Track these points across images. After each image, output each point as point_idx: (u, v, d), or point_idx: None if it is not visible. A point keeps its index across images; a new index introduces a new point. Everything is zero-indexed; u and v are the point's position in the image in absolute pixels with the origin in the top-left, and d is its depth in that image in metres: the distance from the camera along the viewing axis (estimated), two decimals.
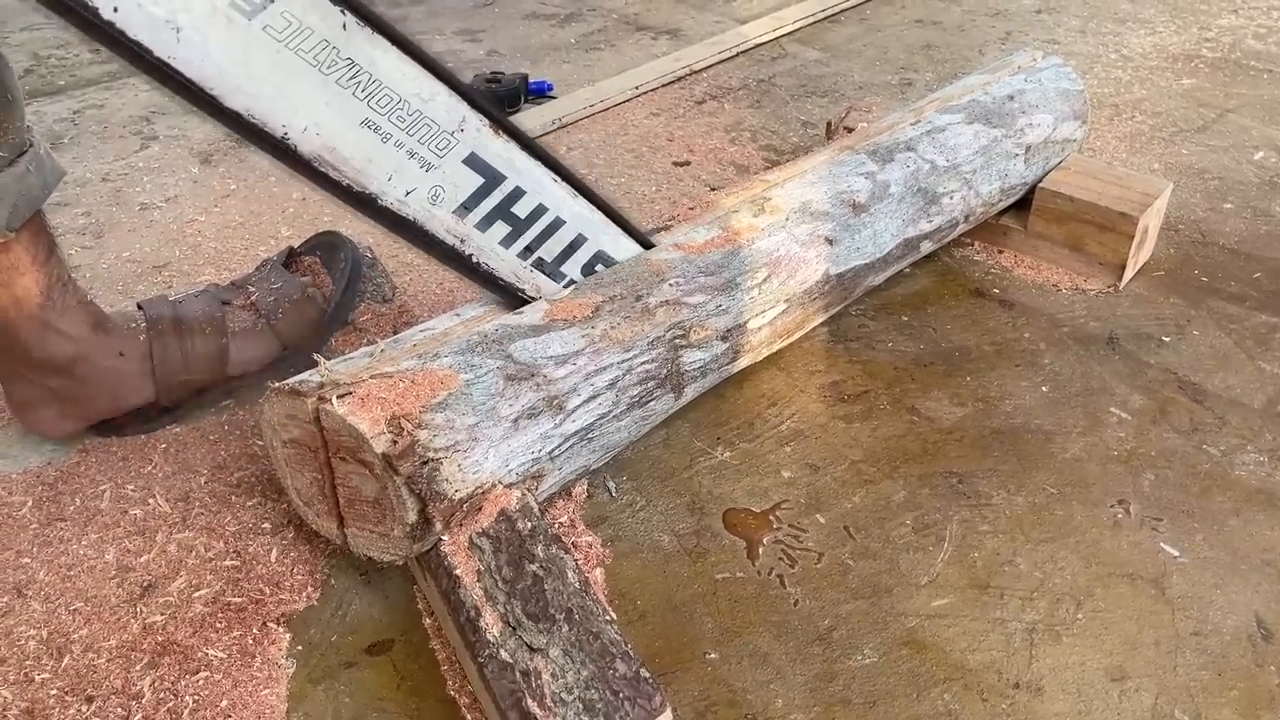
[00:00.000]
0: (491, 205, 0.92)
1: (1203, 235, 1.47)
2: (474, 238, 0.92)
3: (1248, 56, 2.13)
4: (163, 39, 0.70)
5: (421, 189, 0.87)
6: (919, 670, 0.84)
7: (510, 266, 0.95)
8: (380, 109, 0.81)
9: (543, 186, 0.95)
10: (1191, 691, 0.82)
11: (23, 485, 1.01)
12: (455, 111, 0.86)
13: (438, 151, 0.86)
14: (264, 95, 0.75)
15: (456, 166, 0.88)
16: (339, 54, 0.77)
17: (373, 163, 0.82)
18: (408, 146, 0.84)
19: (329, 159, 0.80)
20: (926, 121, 1.31)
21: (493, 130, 0.89)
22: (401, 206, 0.86)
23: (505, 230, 0.93)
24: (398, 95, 0.82)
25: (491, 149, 0.90)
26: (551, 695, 0.71)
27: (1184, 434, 1.09)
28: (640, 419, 0.99)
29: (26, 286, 0.94)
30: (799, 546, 0.96)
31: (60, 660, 0.84)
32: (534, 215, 0.95)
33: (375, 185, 0.84)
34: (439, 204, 0.88)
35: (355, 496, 0.83)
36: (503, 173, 0.91)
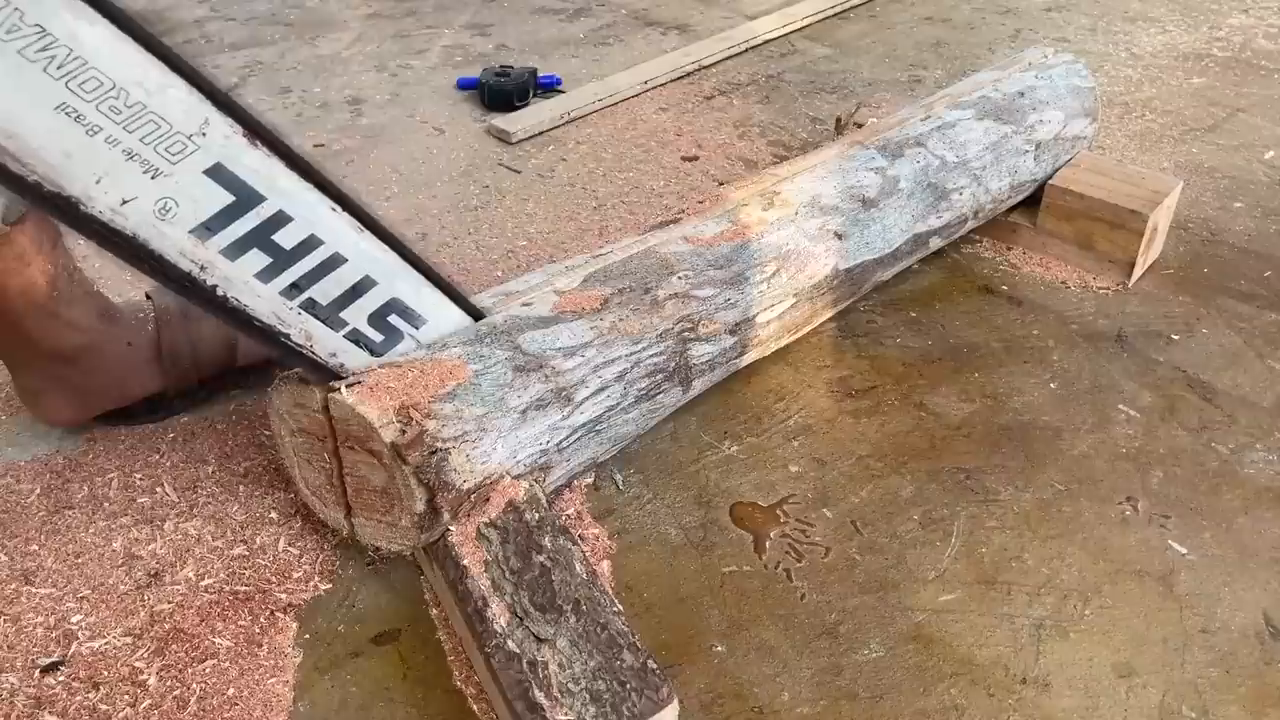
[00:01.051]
0: (245, 230, 0.77)
1: (1212, 234, 1.47)
2: (218, 265, 0.76)
3: (1258, 56, 2.12)
4: None
5: (145, 199, 0.71)
6: (926, 665, 0.84)
7: (270, 305, 0.80)
8: (85, 94, 0.67)
9: (316, 215, 0.80)
10: (1199, 688, 0.82)
11: (31, 473, 1.01)
12: (196, 112, 0.72)
13: (168, 156, 0.72)
14: None
15: (196, 177, 0.73)
16: (23, 18, 0.64)
17: (73, 159, 0.68)
18: (124, 144, 0.69)
19: (8, 147, 0.66)
20: (937, 117, 1.30)
21: (247, 140, 0.75)
22: (115, 217, 0.71)
23: (264, 261, 0.78)
24: (110, 81, 0.68)
25: (245, 162, 0.75)
26: (558, 685, 0.71)
27: (1193, 432, 1.09)
28: (648, 412, 0.99)
29: (33, 276, 0.94)
30: (806, 541, 0.96)
31: (68, 647, 0.84)
32: (303, 247, 0.80)
33: (77, 187, 0.69)
34: (170, 220, 0.73)
35: (363, 486, 0.83)
36: (261, 192, 0.77)
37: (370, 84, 2.00)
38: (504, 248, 1.43)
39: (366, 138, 1.77)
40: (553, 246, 1.43)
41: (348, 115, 1.85)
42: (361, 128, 1.80)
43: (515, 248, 1.43)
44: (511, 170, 1.66)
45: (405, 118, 1.85)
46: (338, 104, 1.90)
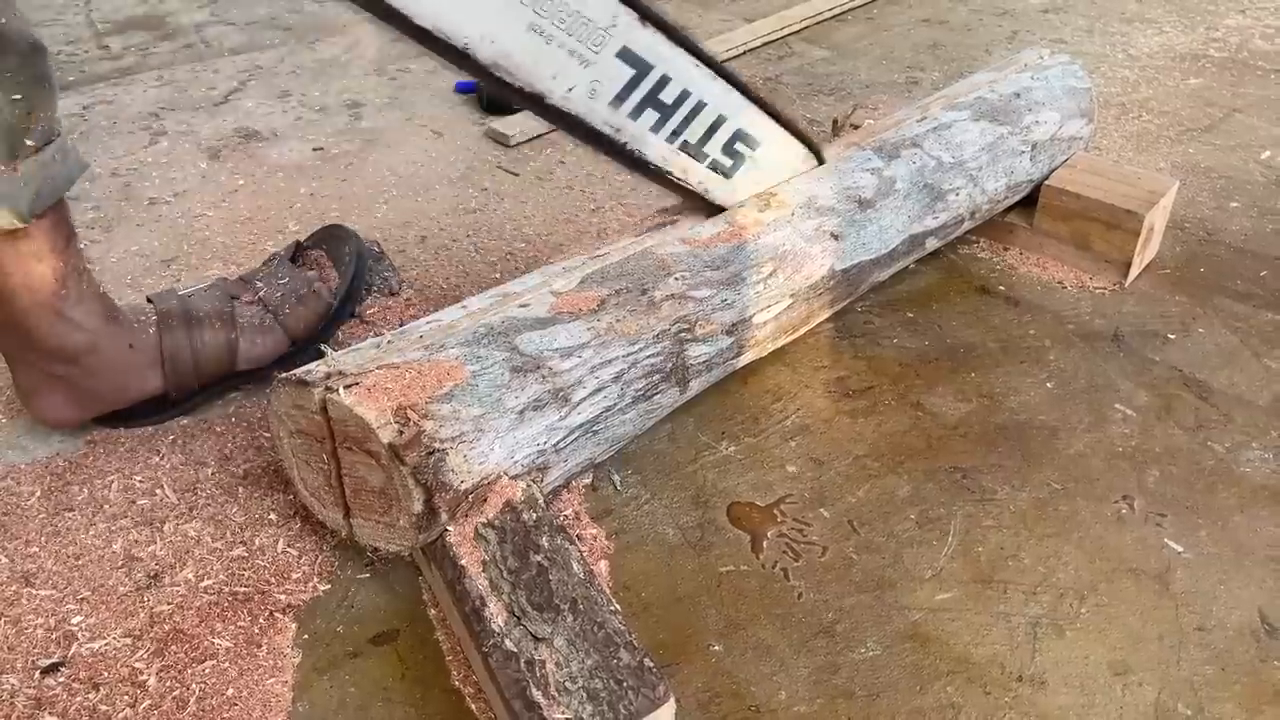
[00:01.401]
0: (642, 94, 0.97)
1: (1209, 234, 1.47)
2: (627, 127, 0.98)
3: (1255, 56, 2.13)
4: None
5: (581, 85, 0.92)
6: (922, 663, 0.84)
7: (659, 150, 1.02)
8: (543, 13, 0.86)
9: (686, 72, 0.99)
10: (1195, 686, 0.82)
11: (31, 476, 1.02)
12: (607, 8, 0.91)
13: (594, 48, 0.91)
14: (445, 11, 0.82)
15: (610, 60, 0.93)
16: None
17: (539, 64, 0.89)
18: (568, 46, 0.89)
19: (504, 64, 0.87)
20: (933, 118, 1.31)
21: (640, 22, 0.93)
22: (565, 103, 0.92)
23: (655, 117, 0.99)
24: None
25: (641, 40, 0.94)
26: (556, 684, 0.71)
27: (1189, 431, 1.09)
28: (645, 412, 0.99)
29: (43, 274, 0.95)
30: (803, 540, 0.96)
31: (68, 649, 0.84)
32: (679, 100, 1.00)
33: (542, 85, 0.90)
34: (596, 98, 0.94)
35: (361, 487, 0.83)
36: (651, 62, 0.96)
37: (369, 87, 2.00)
38: (503, 250, 1.43)
39: (365, 141, 1.77)
40: (551, 248, 1.43)
41: (346, 119, 1.86)
42: (360, 131, 1.81)
43: (514, 250, 1.43)
44: (510, 173, 1.66)
45: (404, 121, 1.85)
46: (336, 107, 1.91)
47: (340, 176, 1.65)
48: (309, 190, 1.60)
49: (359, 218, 1.52)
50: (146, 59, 2.15)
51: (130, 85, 2.01)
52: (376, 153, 1.73)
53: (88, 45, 2.22)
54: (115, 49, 2.20)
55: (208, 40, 2.26)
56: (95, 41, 2.25)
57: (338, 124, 1.84)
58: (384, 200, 1.57)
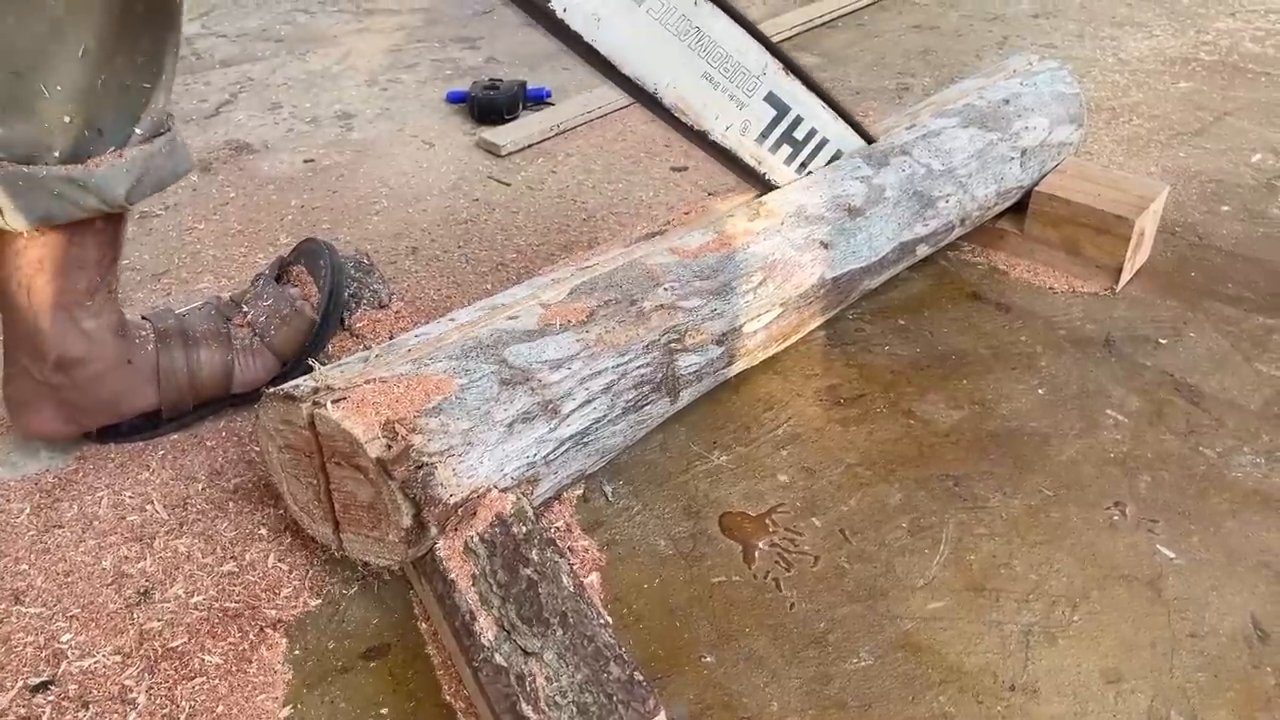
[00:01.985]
0: (780, 132, 1.14)
1: (1200, 238, 1.47)
2: (767, 159, 1.15)
3: (1245, 60, 2.13)
4: (590, 27, 0.95)
5: (736, 124, 1.10)
6: (915, 673, 0.84)
7: (789, 179, 1.18)
8: (713, 63, 1.04)
9: (816, 114, 1.17)
10: (1188, 693, 0.82)
11: (21, 492, 1.02)
12: (760, 59, 1.08)
13: (746, 92, 1.09)
14: (644, 62, 1.00)
15: (759, 103, 1.11)
16: (689, 23, 1.01)
17: (707, 106, 1.07)
18: (729, 91, 1.07)
19: (681, 106, 1.05)
20: (922, 125, 1.31)
21: (784, 71, 1.11)
22: (723, 139, 1.10)
23: (788, 151, 1.17)
24: (724, 51, 1.05)
25: (783, 87, 1.12)
26: (546, 699, 0.71)
27: (1180, 436, 1.09)
28: (636, 423, 0.99)
29: (78, 281, 0.95)
30: (795, 550, 0.96)
31: (57, 667, 0.84)
32: (808, 137, 1.18)
33: (708, 124, 1.08)
34: (746, 134, 1.11)
35: (350, 501, 0.83)
36: (790, 105, 1.13)
37: (360, 99, 2.00)
38: (494, 260, 1.43)
39: (356, 152, 1.77)
40: (543, 259, 1.43)
41: (338, 130, 1.86)
42: (351, 142, 1.81)
43: (505, 260, 1.43)
44: (501, 183, 1.66)
45: (395, 132, 1.86)
46: (328, 119, 1.91)
47: (331, 188, 1.65)
48: (300, 202, 1.60)
49: (350, 229, 1.52)
50: None
51: None
52: (368, 164, 1.73)
53: None
54: None
55: (199, 52, 2.26)
56: None
57: (329, 136, 1.84)
58: (375, 212, 1.57)
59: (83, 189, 0.87)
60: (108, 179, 0.89)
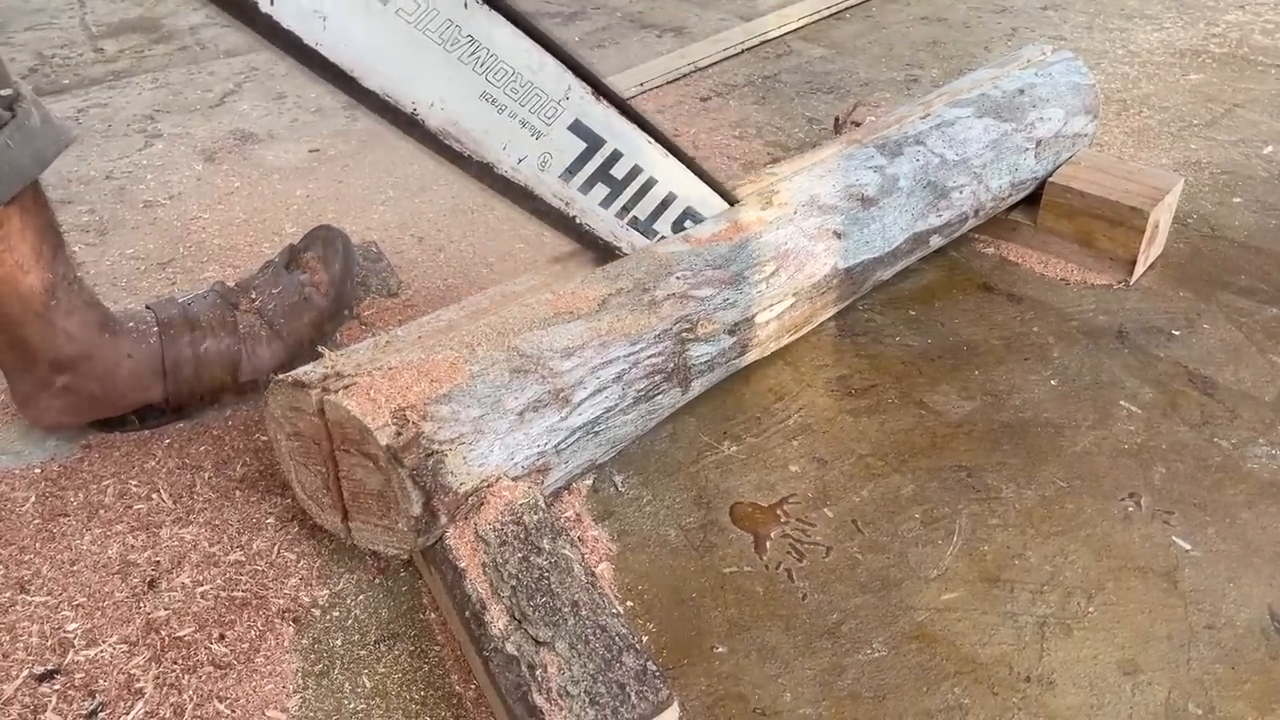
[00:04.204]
0: (593, 168, 0.97)
1: (1212, 229, 1.46)
2: (577, 200, 0.98)
3: (1255, 52, 2.12)
4: (312, 27, 0.76)
5: (532, 156, 0.93)
6: (929, 664, 0.83)
7: (608, 226, 1.02)
8: (496, 82, 0.87)
9: (638, 148, 1.00)
10: (1205, 685, 0.81)
11: (26, 481, 1.01)
12: (562, 80, 0.91)
13: (546, 120, 0.92)
14: (396, 74, 0.81)
15: (563, 133, 0.94)
16: (460, 31, 0.83)
17: (490, 133, 0.89)
18: (520, 116, 0.90)
19: (453, 132, 0.87)
20: (936, 115, 1.30)
21: (594, 96, 0.94)
22: (514, 174, 0.93)
23: (605, 191, 1.00)
24: (511, 68, 0.87)
25: (593, 114, 0.95)
26: (558, 689, 0.70)
27: (1195, 427, 1.08)
28: (647, 413, 0.98)
29: (31, 285, 0.93)
30: (807, 540, 0.95)
31: (64, 656, 0.83)
32: (630, 176, 1.00)
33: (492, 155, 0.90)
34: (547, 169, 0.94)
35: (359, 490, 0.82)
36: (603, 137, 0.96)
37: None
38: (501, 250, 1.42)
39: (362, 142, 1.76)
40: (550, 248, 1.42)
41: (343, 120, 1.85)
42: (357, 132, 1.80)
43: (512, 250, 1.42)
44: None
45: None
46: (332, 109, 1.90)
47: (337, 178, 1.64)
48: (305, 192, 1.59)
49: (356, 219, 1.51)
50: (142, 62, 2.14)
51: (125, 88, 2.00)
52: (373, 153, 1.72)
53: (83, 49, 2.21)
54: (110, 52, 2.19)
55: (203, 42, 2.25)
56: (90, 45, 2.24)
57: (334, 125, 1.83)
58: (381, 201, 1.56)
59: None
60: None
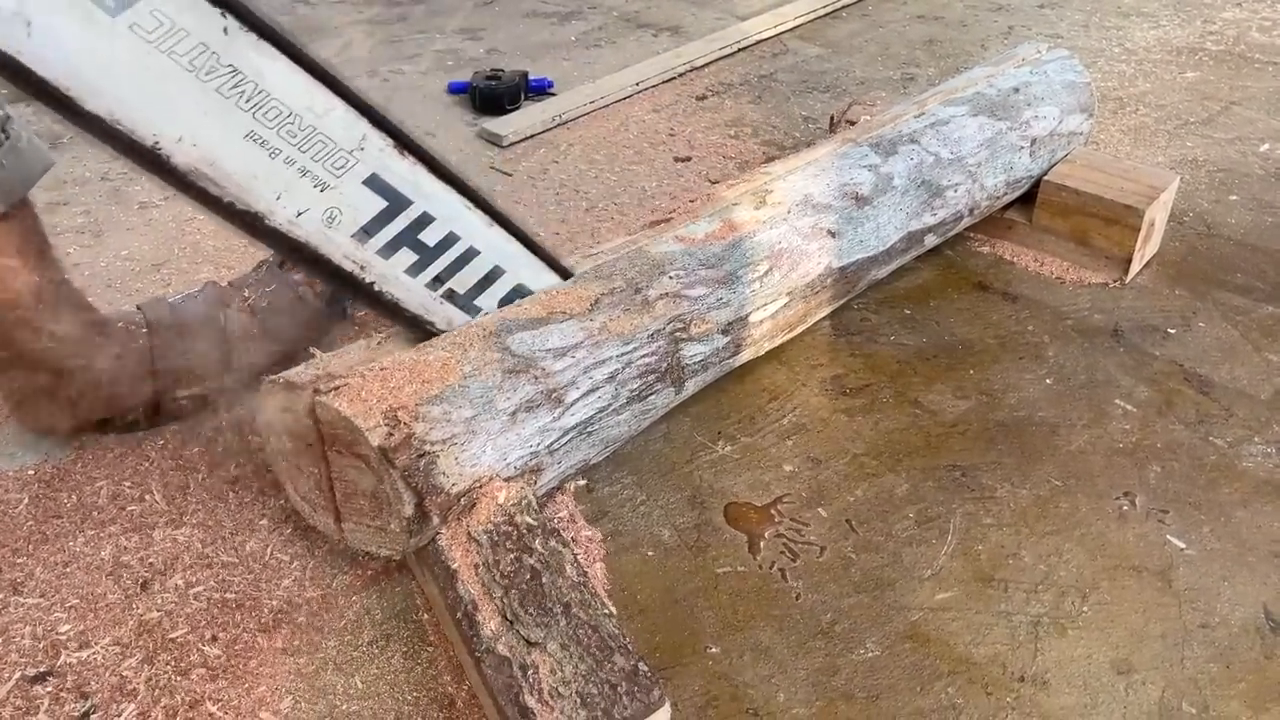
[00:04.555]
0: (396, 231, 0.85)
1: (1208, 227, 1.46)
2: (375, 264, 0.85)
3: (1252, 49, 2.12)
4: (12, 32, 0.64)
5: (315, 210, 0.80)
6: (922, 664, 0.83)
7: (418, 298, 0.89)
8: (268, 122, 0.75)
9: (455, 213, 0.89)
10: (1199, 684, 0.81)
11: (19, 483, 1.01)
12: (354, 129, 0.80)
13: (334, 170, 0.80)
14: (130, 100, 0.69)
15: (356, 188, 0.81)
16: (219, 60, 0.71)
17: (259, 179, 0.76)
18: (299, 164, 0.78)
19: (208, 173, 0.74)
20: (930, 114, 1.30)
21: (397, 151, 0.83)
22: (292, 228, 0.79)
23: (412, 258, 0.87)
24: (288, 108, 0.76)
25: (396, 170, 0.83)
26: (549, 689, 0.70)
27: (1190, 426, 1.08)
28: (640, 413, 0.98)
29: (17, 288, 0.93)
30: (801, 540, 0.95)
31: (56, 658, 0.83)
32: (444, 243, 0.88)
33: (262, 204, 0.77)
34: (335, 227, 0.81)
35: (352, 490, 0.82)
36: (409, 197, 0.85)
37: (362, 89, 1.99)
38: None
39: None
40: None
41: None
42: None
43: None
44: (503, 173, 1.65)
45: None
46: None
47: None
48: None
49: None
50: None
51: None
52: None
53: None
54: None
55: None
56: None
57: None
58: None
59: None
60: None
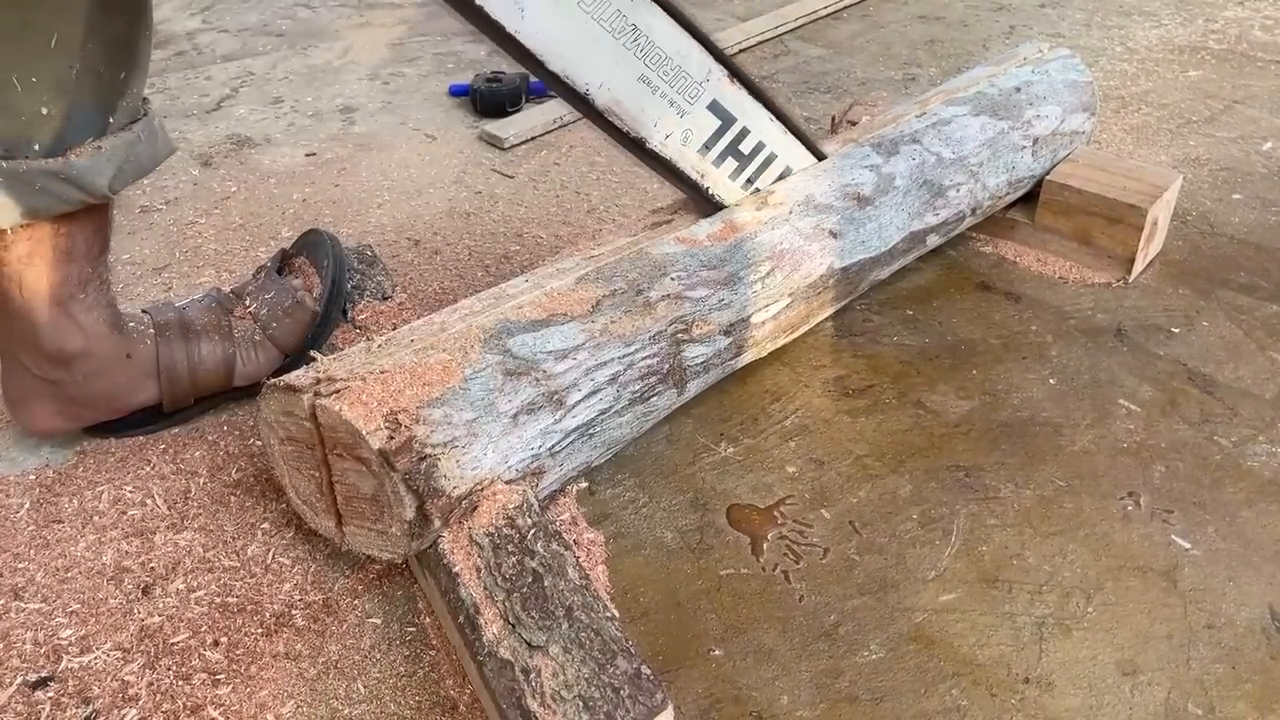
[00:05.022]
0: (725, 144, 1.05)
1: (1211, 226, 1.45)
2: (711, 172, 1.06)
3: (1255, 48, 2.11)
4: (511, 15, 0.86)
5: (676, 132, 1.01)
6: (927, 666, 0.83)
7: (735, 196, 1.10)
8: (652, 65, 0.96)
9: (763, 126, 1.08)
10: (1205, 685, 0.81)
11: (20, 487, 1.01)
12: (703, 64, 1.00)
13: (689, 100, 1.00)
14: (574, 58, 0.91)
15: (702, 112, 1.02)
16: (626, 20, 0.93)
17: (645, 112, 0.98)
18: (669, 97, 0.99)
19: (615, 110, 0.96)
20: (932, 114, 1.29)
21: (729, 78, 1.03)
22: (662, 148, 1.01)
23: (734, 165, 1.08)
24: (664, 53, 0.97)
25: (728, 95, 1.03)
26: (551, 693, 0.70)
27: (1194, 425, 1.08)
28: (642, 415, 0.98)
29: (68, 272, 0.93)
30: (804, 542, 0.95)
31: (58, 663, 0.83)
32: (755, 151, 1.09)
33: (645, 131, 0.99)
34: (688, 144, 1.03)
35: (353, 494, 0.82)
36: (735, 115, 1.04)
37: (362, 93, 1.99)
38: (498, 253, 1.42)
39: (359, 146, 1.76)
40: (547, 250, 1.42)
41: (340, 124, 1.85)
42: (354, 136, 1.80)
43: (509, 252, 1.42)
44: (504, 175, 1.65)
45: (397, 125, 1.84)
46: (330, 113, 1.89)
47: (333, 182, 1.64)
48: (302, 196, 1.59)
49: (352, 223, 1.51)
50: None
51: None
52: (370, 157, 1.72)
53: None
54: None
55: (200, 47, 2.25)
56: None
57: (331, 129, 1.83)
58: (377, 205, 1.56)
59: (65, 181, 0.86)
60: (89, 169, 0.87)
